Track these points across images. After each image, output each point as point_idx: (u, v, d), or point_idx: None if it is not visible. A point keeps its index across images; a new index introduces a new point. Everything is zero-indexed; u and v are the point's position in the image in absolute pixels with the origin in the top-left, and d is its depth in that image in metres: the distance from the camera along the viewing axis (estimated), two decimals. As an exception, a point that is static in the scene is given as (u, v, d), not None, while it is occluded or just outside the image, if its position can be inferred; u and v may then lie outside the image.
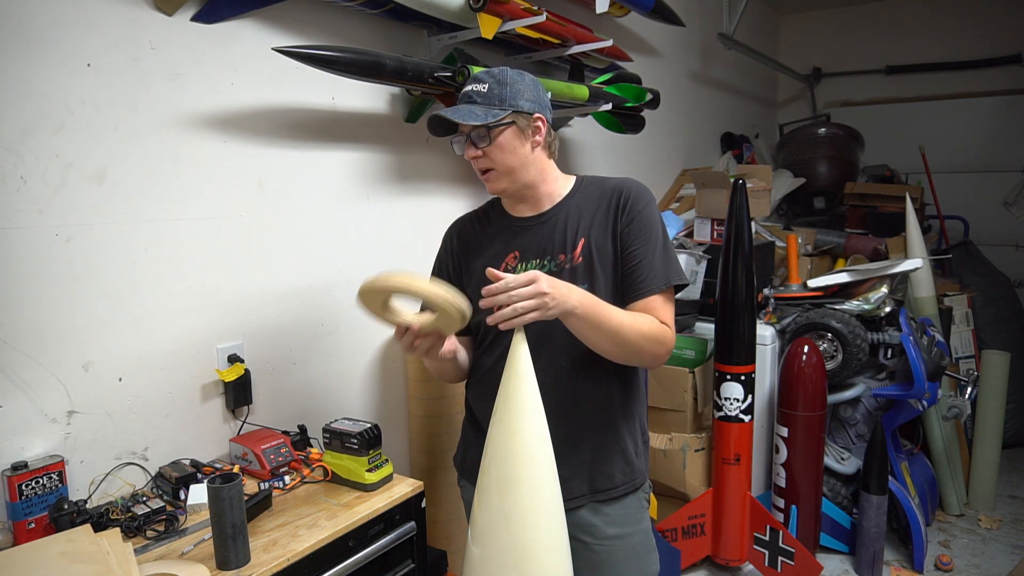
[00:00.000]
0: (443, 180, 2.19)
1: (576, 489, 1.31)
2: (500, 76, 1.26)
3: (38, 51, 1.25)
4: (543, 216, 1.33)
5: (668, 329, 1.25)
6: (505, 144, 1.24)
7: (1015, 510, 3.18)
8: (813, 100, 5.40)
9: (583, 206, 1.31)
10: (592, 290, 1.24)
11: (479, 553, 1.13)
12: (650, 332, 1.21)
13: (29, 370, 1.27)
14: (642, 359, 1.24)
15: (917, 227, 3.30)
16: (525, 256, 1.32)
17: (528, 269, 1.29)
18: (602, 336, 1.17)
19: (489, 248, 1.36)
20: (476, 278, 1.34)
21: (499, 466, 1.10)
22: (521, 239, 1.33)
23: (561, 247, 1.29)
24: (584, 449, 1.32)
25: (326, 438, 1.49)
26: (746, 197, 2.45)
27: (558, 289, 1.09)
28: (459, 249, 1.41)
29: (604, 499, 1.33)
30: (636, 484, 1.36)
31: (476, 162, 1.27)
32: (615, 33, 2.92)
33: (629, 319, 1.19)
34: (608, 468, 1.33)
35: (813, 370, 2.55)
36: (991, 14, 4.73)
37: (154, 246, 1.45)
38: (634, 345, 1.20)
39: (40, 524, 1.24)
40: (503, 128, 1.24)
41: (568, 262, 1.28)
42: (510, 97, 1.24)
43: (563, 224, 1.31)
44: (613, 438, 1.34)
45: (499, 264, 1.33)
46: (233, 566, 1.14)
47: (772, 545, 2.43)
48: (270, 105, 1.66)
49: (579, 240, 1.29)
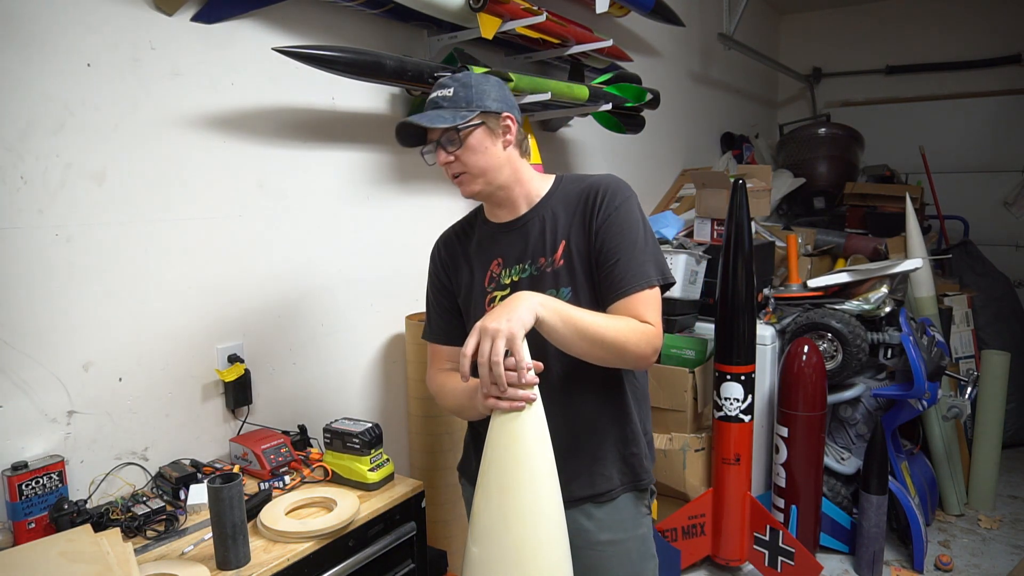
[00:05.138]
0: (443, 180, 2.18)
1: (575, 492, 1.29)
2: (464, 79, 1.24)
3: (38, 51, 1.25)
4: (521, 220, 1.30)
5: (651, 327, 1.18)
6: (476, 145, 1.22)
7: (1015, 510, 3.17)
8: (813, 100, 5.40)
9: (561, 207, 1.28)
10: (575, 293, 1.22)
11: (478, 553, 1.12)
12: (629, 330, 1.16)
13: (29, 370, 1.27)
14: (625, 359, 1.18)
15: (917, 227, 3.30)
16: (507, 262, 1.29)
17: (511, 275, 1.28)
18: (577, 335, 1.12)
19: (475, 258, 1.34)
20: (464, 290, 1.33)
21: (499, 465, 1.10)
22: (502, 245, 1.31)
23: (540, 250, 1.26)
24: (583, 453, 1.30)
25: (327, 438, 1.49)
26: (746, 197, 2.45)
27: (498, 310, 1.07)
28: (449, 261, 1.38)
29: (602, 501, 1.31)
30: (635, 486, 1.34)
31: (448, 167, 1.24)
32: (615, 33, 2.92)
33: (604, 318, 1.16)
34: (607, 471, 1.31)
35: (813, 370, 2.55)
36: (991, 14, 4.73)
37: (154, 246, 1.45)
38: (613, 344, 1.14)
39: (40, 524, 1.24)
40: (472, 129, 1.21)
41: (549, 265, 1.25)
42: (476, 98, 1.22)
43: (541, 227, 1.28)
44: (612, 441, 1.31)
45: (485, 273, 1.31)
46: (233, 566, 1.14)
47: (772, 545, 2.43)
48: (270, 105, 1.66)
49: (559, 242, 1.26)
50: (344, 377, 1.91)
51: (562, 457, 1.16)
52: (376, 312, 1.99)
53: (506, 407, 1.06)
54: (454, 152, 1.22)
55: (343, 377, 1.91)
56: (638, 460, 1.34)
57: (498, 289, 1.29)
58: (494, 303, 1.27)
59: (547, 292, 1.21)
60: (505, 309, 1.06)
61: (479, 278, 1.32)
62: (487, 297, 1.29)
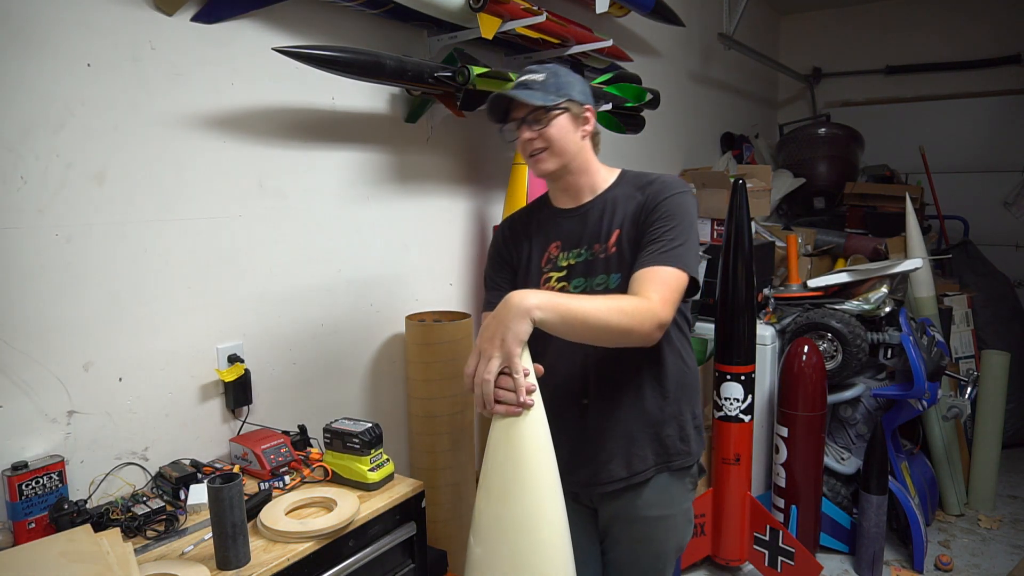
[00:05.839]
0: (443, 180, 2.19)
1: (614, 473, 1.36)
2: (554, 69, 1.35)
3: (38, 51, 1.25)
4: (583, 208, 1.40)
5: (648, 301, 1.19)
6: (559, 128, 1.32)
7: (1015, 510, 3.18)
8: (813, 100, 5.40)
9: (620, 198, 1.37)
10: (624, 280, 1.29)
11: (481, 553, 1.13)
12: (629, 307, 1.17)
13: (29, 370, 1.27)
14: (631, 338, 1.19)
15: (917, 227, 3.30)
16: (566, 246, 1.39)
17: (568, 259, 1.38)
18: (579, 325, 1.14)
19: (536, 237, 1.45)
20: (524, 266, 1.44)
21: (500, 468, 1.11)
22: (562, 229, 1.41)
23: (596, 237, 1.36)
24: (620, 434, 1.36)
25: (327, 438, 1.49)
26: (746, 197, 2.45)
27: (493, 325, 1.10)
28: (512, 237, 1.49)
29: (639, 481, 1.37)
30: (669, 467, 1.39)
31: (529, 144, 1.33)
32: (615, 33, 2.92)
33: (601, 300, 1.17)
34: (642, 451, 1.37)
35: (813, 370, 2.55)
36: (991, 14, 4.73)
37: (154, 246, 1.45)
38: (616, 324, 1.15)
39: (40, 524, 1.24)
40: (558, 113, 1.32)
41: (603, 252, 1.35)
42: (565, 87, 1.33)
43: (599, 215, 1.37)
44: (650, 422, 1.37)
45: (543, 253, 1.42)
46: (233, 566, 1.14)
47: (772, 545, 2.43)
48: (270, 105, 1.66)
49: (613, 231, 1.35)
50: (344, 377, 1.91)
51: (598, 438, 1.31)
52: (376, 312, 1.99)
53: (503, 412, 1.09)
54: (538, 130, 1.31)
55: (343, 377, 1.91)
56: (672, 441, 1.39)
57: (554, 270, 1.39)
58: (549, 282, 1.38)
59: (599, 277, 1.34)
60: (500, 325, 1.10)
61: (536, 258, 1.42)
62: (542, 276, 1.40)
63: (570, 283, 1.37)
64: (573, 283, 1.37)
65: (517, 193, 2.12)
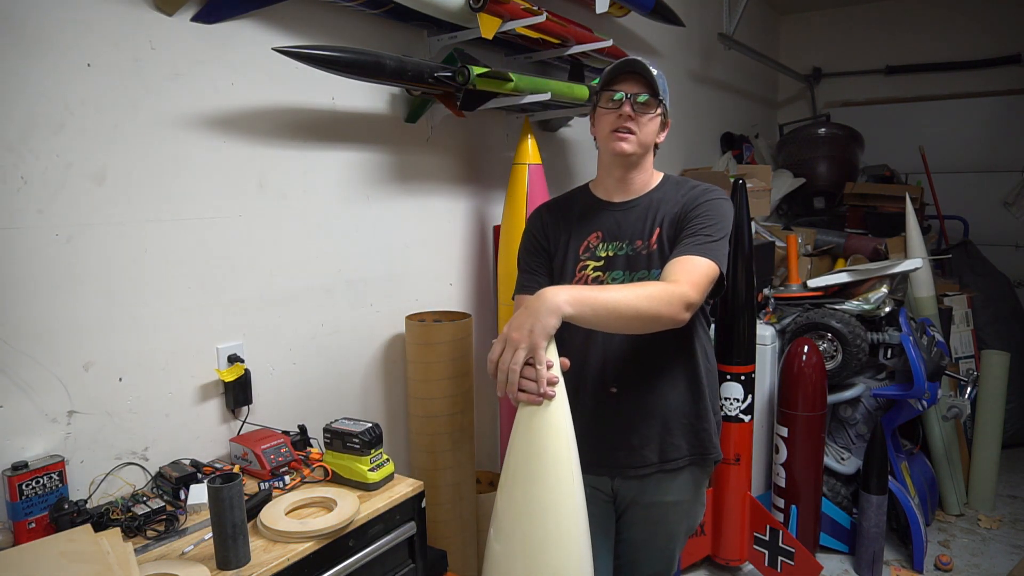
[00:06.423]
0: (443, 180, 2.19)
1: (646, 458, 1.42)
2: (660, 74, 1.44)
3: (38, 51, 1.25)
4: (629, 203, 1.47)
5: (675, 285, 1.24)
6: (655, 123, 1.45)
7: (1015, 510, 3.18)
8: (813, 100, 5.40)
9: (664, 200, 1.45)
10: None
11: (500, 549, 1.13)
12: (656, 292, 1.22)
13: (29, 370, 1.27)
14: (662, 321, 1.23)
15: (917, 227, 3.30)
16: (606, 237, 1.45)
17: (607, 250, 1.44)
18: (610, 315, 1.19)
19: (575, 226, 1.49)
20: (561, 252, 1.48)
21: (521, 460, 1.13)
22: (606, 221, 1.47)
23: (639, 233, 1.43)
24: (655, 420, 1.42)
25: (327, 438, 1.49)
26: (746, 197, 2.45)
27: (523, 316, 1.14)
28: (551, 222, 1.52)
29: (671, 469, 1.43)
30: (703, 459, 1.46)
31: (625, 120, 1.40)
32: (615, 33, 2.92)
33: (628, 289, 1.23)
34: (677, 440, 1.43)
35: (813, 370, 2.55)
36: (991, 14, 4.73)
37: (154, 246, 1.45)
38: (645, 310, 1.20)
39: (40, 524, 1.23)
40: (662, 112, 1.45)
41: (644, 248, 1.41)
42: (664, 92, 1.44)
43: (643, 213, 1.44)
44: (683, 414, 1.43)
45: (582, 242, 1.46)
46: (233, 566, 1.14)
47: (772, 545, 2.43)
48: (270, 105, 1.66)
49: (655, 229, 1.42)
50: (344, 377, 1.91)
51: (634, 423, 1.39)
52: (376, 312, 1.99)
53: (524, 399, 1.13)
54: (640, 115, 1.40)
55: (343, 377, 1.91)
56: (707, 435, 1.46)
57: (592, 259, 1.44)
58: (585, 270, 1.44)
59: (640, 271, 1.40)
60: (530, 317, 1.14)
61: (575, 246, 1.47)
62: (578, 264, 1.45)
63: (606, 274, 1.42)
64: (611, 275, 1.42)
65: (517, 193, 2.11)
